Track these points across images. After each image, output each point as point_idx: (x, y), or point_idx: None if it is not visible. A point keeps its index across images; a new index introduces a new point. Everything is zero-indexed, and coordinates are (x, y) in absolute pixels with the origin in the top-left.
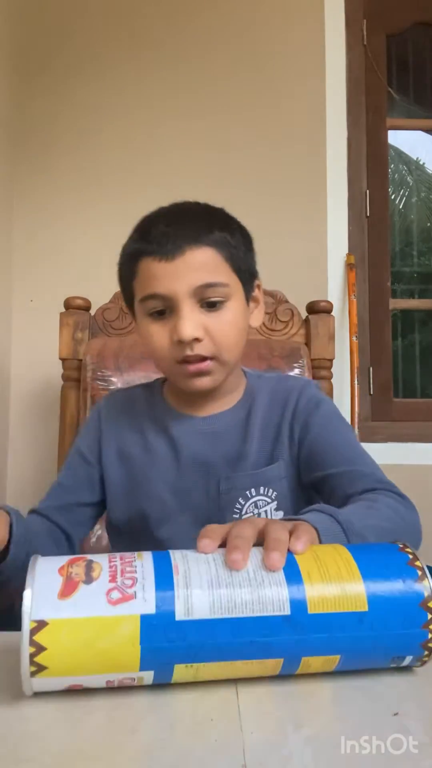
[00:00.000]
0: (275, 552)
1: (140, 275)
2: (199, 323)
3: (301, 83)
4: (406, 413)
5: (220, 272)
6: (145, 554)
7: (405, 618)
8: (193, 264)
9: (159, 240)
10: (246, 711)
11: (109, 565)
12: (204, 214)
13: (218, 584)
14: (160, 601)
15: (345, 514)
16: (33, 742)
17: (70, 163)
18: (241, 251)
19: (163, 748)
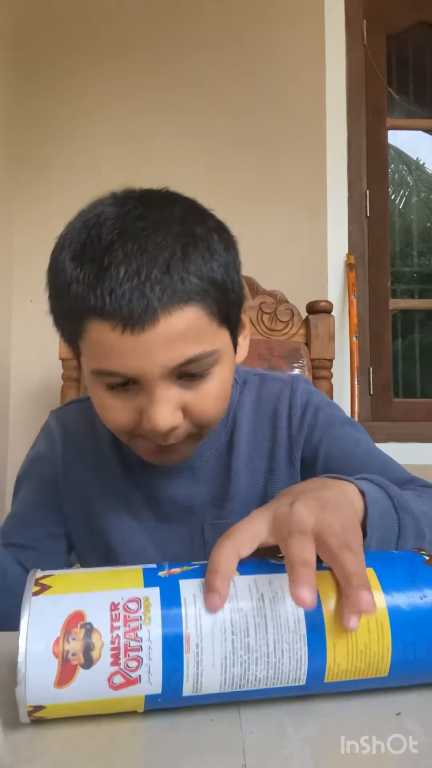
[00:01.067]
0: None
1: (89, 340)
2: (176, 405)
3: (301, 83)
4: (406, 413)
5: (206, 336)
6: (153, 611)
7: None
8: (170, 336)
9: (119, 302)
10: (246, 711)
11: (111, 638)
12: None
13: (233, 663)
14: (166, 683)
15: (396, 489)
16: (33, 743)
17: (70, 163)
18: (228, 284)
19: (163, 748)
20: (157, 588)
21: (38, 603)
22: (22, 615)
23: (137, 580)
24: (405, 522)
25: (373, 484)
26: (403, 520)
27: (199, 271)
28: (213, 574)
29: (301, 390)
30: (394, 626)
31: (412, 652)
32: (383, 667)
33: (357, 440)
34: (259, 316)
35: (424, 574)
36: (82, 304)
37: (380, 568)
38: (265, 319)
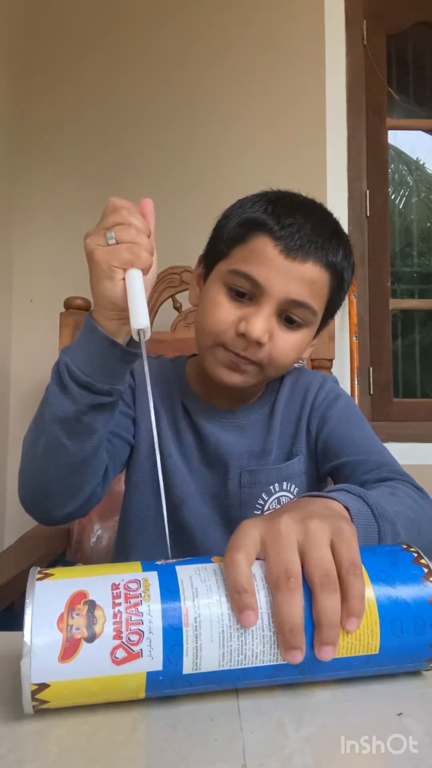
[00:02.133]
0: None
1: (250, 246)
2: (269, 328)
3: (301, 83)
4: (406, 413)
5: (318, 299)
6: (152, 589)
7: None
8: (305, 276)
9: (291, 230)
10: (246, 711)
11: (113, 613)
12: (338, 233)
13: (230, 637)
14: (167, 658)
15: (374, 497)
16: (33, 742)
17: (71, 163)
18: (342, 289)
19: (163, 748)
20: (155, 572)
21: (42, 586)
22: (27, 597)
23: (136, 568)
24: (384, 529)
25: (351, 494)
26: (383, 528)
27: (340, 257)
28: (240, 593)
29: (330, 382)
30: (380, 603)
31: (399, 627)
32: (374, 643)
33: (360, 428)
34: None
35: (404, 557)
36: (261, 221)
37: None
38: None
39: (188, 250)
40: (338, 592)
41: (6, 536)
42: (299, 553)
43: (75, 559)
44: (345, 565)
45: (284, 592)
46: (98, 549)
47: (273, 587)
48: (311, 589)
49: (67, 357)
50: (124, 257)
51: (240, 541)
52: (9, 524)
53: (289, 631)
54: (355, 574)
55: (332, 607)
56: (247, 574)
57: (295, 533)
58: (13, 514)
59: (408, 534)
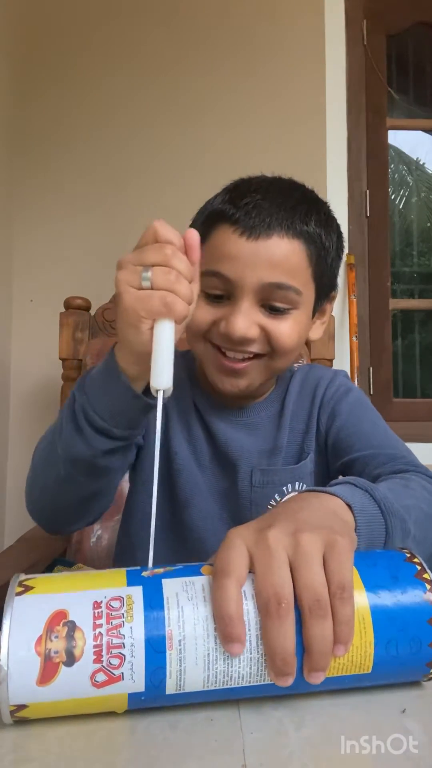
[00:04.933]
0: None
1: (212, 242)
2: (254, 322)
3: (301, 83)
4: (406, 413)
5: (299, 275)
6: (135, 608)
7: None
8: (275, 254)
9: (247, 209)
10: (246, 711)
11: (93, 635)
12: (306, 200)
13: (215, 660)
14: (149, 681)
15: (382, 491)
16: (33, 742)
17: (71, 163)
18: (330, 257)
19: (163, 748)
20: (140, 587)
21: (21, 602)
22: (5, 615)
23: (120, 580)
24: (392, 525)
25: (357, 488)
26: (391, 525)
27: (312, 224)
28: (227, 624)
29: (341, 377)
30: (376, 622)
31: (394, 647)
32: (366, 664)
33: (372, 422)
34: None
35: (406, 571)
36: (218, 212)
37: (362, 566)
38: None
39: None
40: (329, 618)
41: (6, 536)
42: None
43: (75, 559)
44: (333, 589)
45: (274, 620)
46: (98, 549)
47: (262, 612)
48: (301, 612)
49: (85, 398)
50: (156, 308)
51: (228, 562)
52: (9, 524)
53: (280, 660)
54: (343, 598)
55: (322, 635)
56: (236, 603)
57: (285, 548)
58: (13, 514)
59: (421, 529)
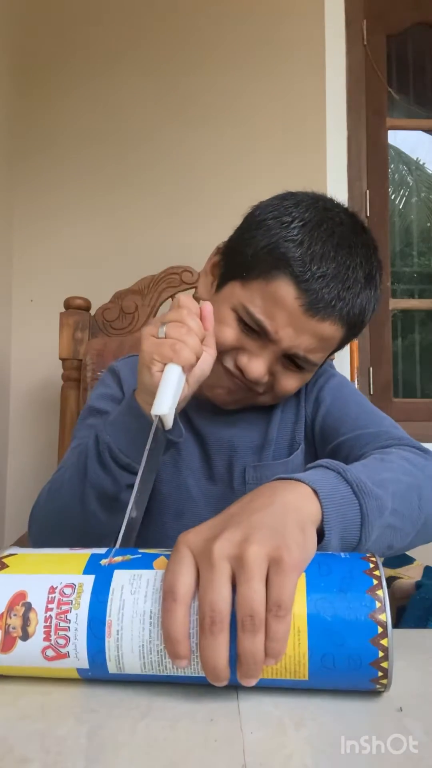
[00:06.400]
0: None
1: (271, 288)
2: (269, 370)
3: (301, 83)
4: (406, 413)
5: (323, 353)
6: (83, 597)
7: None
8: (317, 335)
9: (319, 284)
10: (246, 711)
11: (44, 617)
12: (370, 284)
13: (150, 650)
14: (92, 661)
15: (355, 471)
16: (33, 742)
17: (71, 163)
18: (356, 335)
19: (163, 748)
20: (93, 576)
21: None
22: None
23: (79, 566)
24: (366, 504)
25: (329, 470)
26: (364, 503)
27: (364, 312)
28: (174, 644)
29: (323, 368)
30: (311, 635)
31: (330, 661)
32: (302, 672)
33: (357, 404)
34: None
35: (358, 583)
36: (289, 260)
37: (315, 573)
38: None
39: (188, 251)
40: (261, 633)
41: (6, 536)
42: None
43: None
44: (270, 605)
45: (208, 636)
46: None
47: (200, 626)
48: (237, 624)
49: (109, 437)
50: (165, 352)
51: (176, 583)
52: (9, 524)
53: (211, 671)
54: (278, 616)
55: (251, 649)
56: (182, 625)
57: (229, 560)
58: (13, 514)
59: (402, 500)
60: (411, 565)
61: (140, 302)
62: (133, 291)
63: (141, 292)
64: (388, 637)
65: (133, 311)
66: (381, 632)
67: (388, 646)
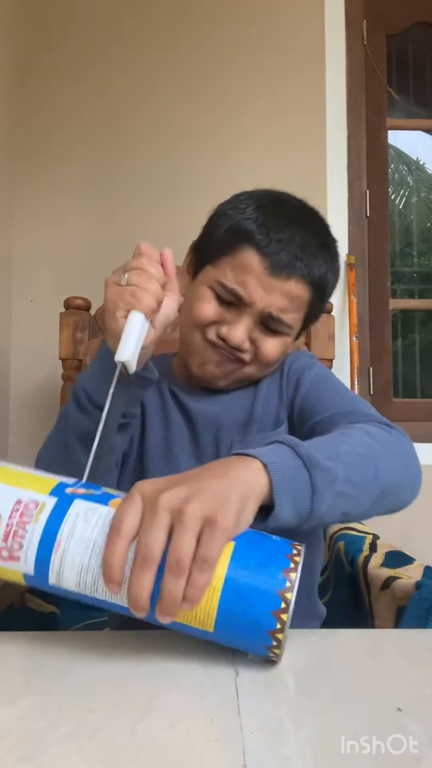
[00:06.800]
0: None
1: (237, 260)
2: (248, 336)
3: (301, 83)
4: (406, 413)
5: (296, 314)
6: (43, 514)
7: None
8: (287, 293)
9: (278, 246)
10: (246, 711)
11: (7, 523)
12: (327, 246)
13: (86, 572)
14: (37, 568)
15: (307, 446)
16: (33, 742)
17: (71, 163)
18: (323, 301)
19: (163, 748)
20: (55, 498)
21: None
22: None
23: (48, 487)
24: (315, 476)
25: (283, 445)
26: (315, 476)
27: (326, 273)
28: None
29: (305, 356)
30: (224, 593)
31: (235, 621)
32: (209, 623)
33: (334, 388)
34: None
35: (278, 563)
36: (249, 234)
37: (243, 545)
38: None
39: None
40: (183, 578)
41: None
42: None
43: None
44: (196, 558)
45: (137, 569)
46: None
47: (133, 561)
48: (165, 567)
49: (84, 382)
50: (127, 299)
51: (124, 521)
52: None
53: (133, 600)
54: (201, 569)
55: (173, 590)
56: (119, 556)
57: (169, 513)
58: None
59: (356, 470)
60: (411, 565)
61: None
62: None
63: None
64: (288, 614)
65: None
66: (283, 607)
67: (287, 621)
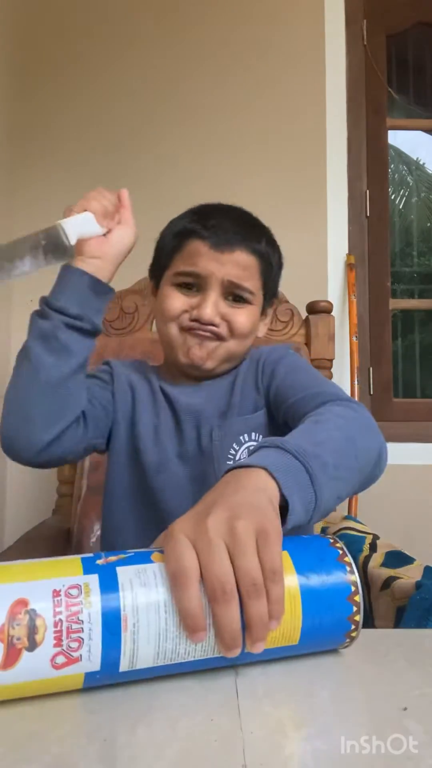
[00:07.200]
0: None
1: (185, 252)
2: (218, 311)
3: (301, 83)
4: (406, 413)
5: (253, 280)
6: (93, 595)
7: (328, 644)
8: (237, 262)
9: (215, 230)
10: (246, 711)
11: (54, 622)
12: (257, 225)
13: (165, 639)
14: (105, 661)
15: (291, 441)
16: (33, 742)
17: (71, 162)
18: (274, 271)
19: (163, 748)
20: (96, 575)
21: None
22: None
23: (77, 569)
24: (310, 466)
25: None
26: (308, 466)
27: (263, 245)
28: (193, 618)
29: (281, 348)
30: (305, 600)
31: (319, 620)
32: (295, 636)
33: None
34: None
35: (330, 555)
36: (190, 230)
37: (294, 550)
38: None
39: None
40: (264, 598)
41: (6, 536)
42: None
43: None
44: (266, 573)
45: (222, 605)
46: (98, 549)
47: (211, 600)
48: (241, 595)
49: (45, 296)
50: (80, 203)
51: (182, 563)
52: (9, 524)
53: (229, 638)
54: (275, 581)
55: (259, 613)
56: (197, 599)
57: (222, 537)
58: (13, 514)
59: (340, 455)
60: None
61: (140, 302)
62: (133, 291)
63: (141, 292)
64: (359, 594)
65: (133, 311)
66: (354, 590)
67: (359, 601)
